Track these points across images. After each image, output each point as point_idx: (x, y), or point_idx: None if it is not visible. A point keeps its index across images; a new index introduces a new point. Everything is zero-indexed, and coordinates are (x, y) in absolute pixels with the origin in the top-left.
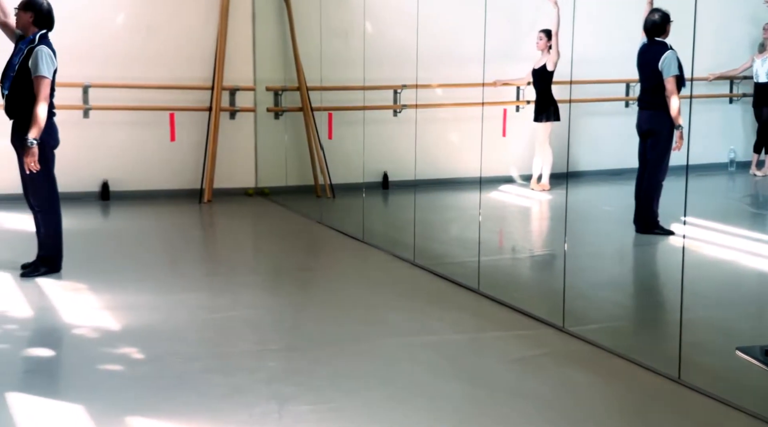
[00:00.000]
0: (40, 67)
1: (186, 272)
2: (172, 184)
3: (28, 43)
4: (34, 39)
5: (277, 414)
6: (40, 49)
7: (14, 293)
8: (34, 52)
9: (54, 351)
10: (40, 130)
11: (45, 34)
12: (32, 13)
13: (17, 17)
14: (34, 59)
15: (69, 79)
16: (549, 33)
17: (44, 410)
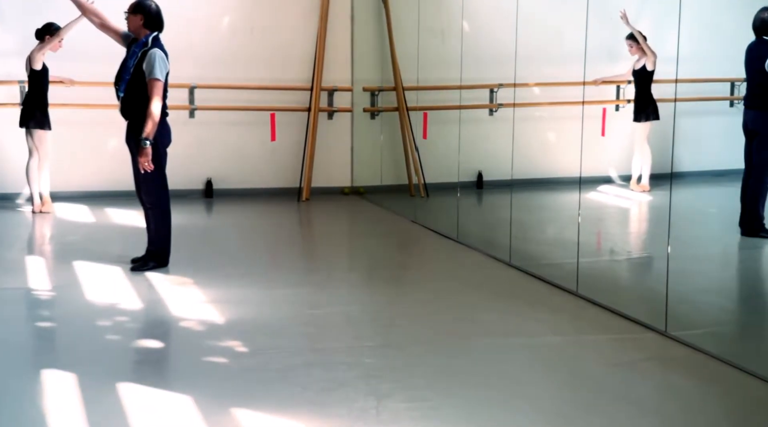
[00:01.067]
0: (155, 70)
1: (285, 268)
2: (272, 182)
3: (142, 47)
4: (147, 42)
5: (375, 410)
6: (154, 52)
7: (125, 286)
8: (148, 55)
9: (162, 343)
10: (153, 131)
11: (157, 36)
12: (142, 16)
13: (127, 21)
14: (149, 62)
15: (176, 80)
16: (634, 37)
17: (153, 399)
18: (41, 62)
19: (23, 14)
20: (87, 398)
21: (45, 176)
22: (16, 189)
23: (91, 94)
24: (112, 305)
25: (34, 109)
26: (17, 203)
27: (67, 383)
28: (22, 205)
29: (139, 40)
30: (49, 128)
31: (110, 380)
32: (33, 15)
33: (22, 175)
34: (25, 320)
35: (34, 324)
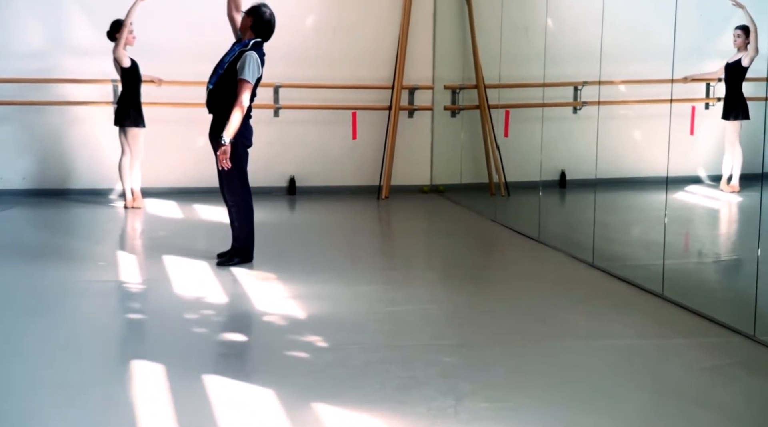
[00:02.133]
0: (246, 71)
1: (365, 265)
2: (353, 180)
3: (242, 47)
4: (248, 44)
5: (454, 409)
6: (250, 54)
7: (211, 281)
8: (243, 56)
9: (246, 336)
10: (234, 131)
11: (259, 42)
12: (253, 19)
13: (242, 20)
14: (242, 62)
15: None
16: (747, 30)
17: (237, 392)
18: (127, 59)
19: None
20: (174, 388)
21: (136, 173)
22: (108, 185)
23: (181, 93)
24: (199, 298)
25: (128, 107)
26: (110, 199)
27: (156, 374)
28: (114, 201)
29: (243, 40)
30: (143, 126)
31: (197, 372)
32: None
33: (114, 172)
34: (117, 311)
35: (125, 316)
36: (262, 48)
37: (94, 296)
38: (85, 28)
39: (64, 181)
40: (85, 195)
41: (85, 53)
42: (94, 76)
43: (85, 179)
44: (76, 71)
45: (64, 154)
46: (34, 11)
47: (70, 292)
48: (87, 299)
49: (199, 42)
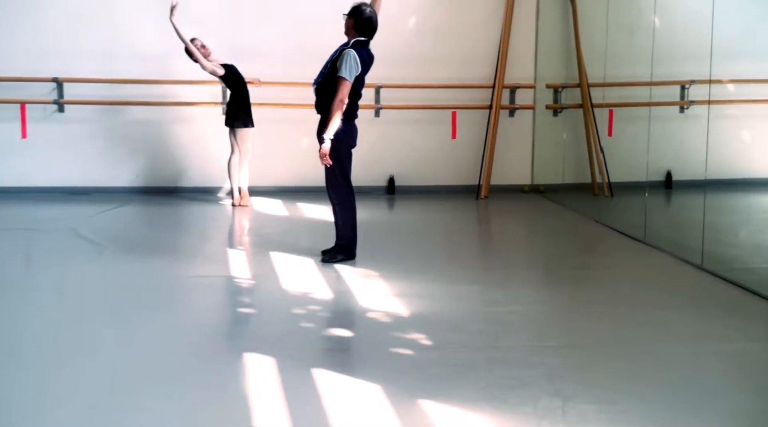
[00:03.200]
0: (343, 69)
1: (465, 264)
2: (452, 180)
3: (343, 46)
4: (349, 43)
5: (561, 410)
6: (349, 51)
7: (316, 277)
8: (342, 53)
9: (351, 332)
10: (333, 128)
11: (361, 41)
12: (354, 19)
13: (345, 23)
14: (341, 60)
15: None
16: None
17: (345, 386)
18: (218, 69)
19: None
20: (285, 381)
21: (245, 172)
22: (217, 183)
23: (287, 94)
24: (305, 294)
25: (237, 109)
26: (218, 197)
27: (267, 366)
28: (223, 199)
29: (348, 41)
30: (252, 126)
31: (305, 366)
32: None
33: (223, 171)
34: (228, 305)
35: (236, 310)
36: (367, 47)
37: (205, 291)
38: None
39: (176, 180)
40: (195, 193)
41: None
42: (205, 77)
43: (195, 178)
44: (188, 73)
45: (176, 153)
46: (150, 16)
47: (182, 286)
48: (198, 294)
49: (305, 43)
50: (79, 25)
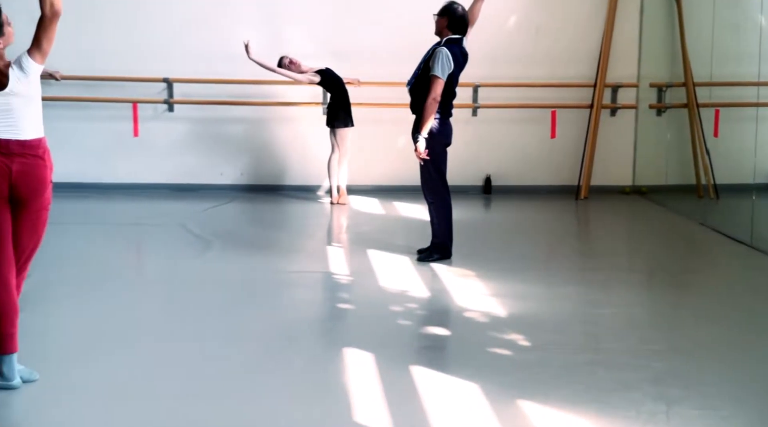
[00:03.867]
0: (435, 67)
1: (564, 265)
2: (550, 180)
3: (436, 45)
4: (441, 41)
5: (665, 415)
6: (440, 50)
7: (412, 275)
8: (434, 52)
9: (448, 330)
10: (427, 127)
11: (454, 39)
12: (447, 18)
13: (436, 23)
14: (433, 59)
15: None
16: None
17: (443, 384)
18: (314, 77)
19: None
20: (384, 377)
21: (344, 171)
22: (317, 182)
23: (384, 94)
24: (402, 291)
25: (338, 110)
26: (317, 195)
27: (366, 362)
28: (322, 197)
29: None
30: (352, 126)
31: (403, 362)
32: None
33: (322, 169)
34: (327, 301)
35: (335, 305)
36: (460, 44)
37: (305, 286)
38: (300, 34)
39: (278, 178)
40: (295, 191)
41: (298, 56)
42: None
43: (296, 176)
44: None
45: (278, 151)
46: (255, 18)
47: (283, 281)
48: (298, 289)
49: (403, 43)
50: (189, 27)
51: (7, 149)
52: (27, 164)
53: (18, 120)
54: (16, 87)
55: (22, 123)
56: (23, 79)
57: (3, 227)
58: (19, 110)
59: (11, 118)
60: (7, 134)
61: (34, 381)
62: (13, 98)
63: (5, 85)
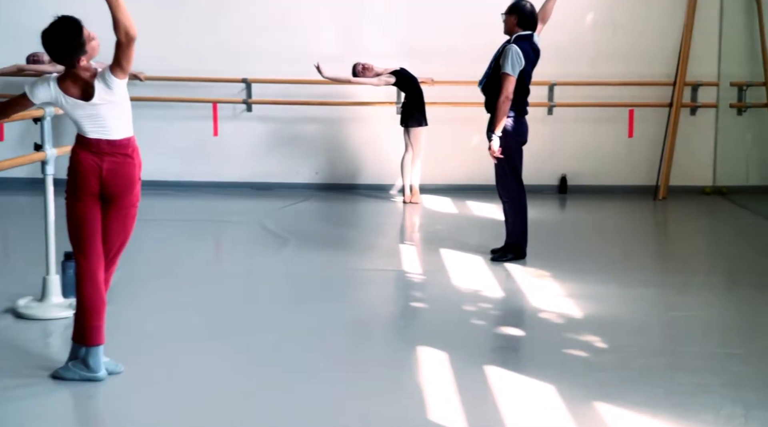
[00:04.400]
0: (506, 64)
1: (641, 267)
2: (627, 180)
3: (505, 43)
4: (510, 39)
5: (744, 418)
6: (510, 47)
7: (486, 275)
8: (505, 50)
9: (523, 331)
10: (500, 125)
11: (524, 35)
12: (516, 16)
13: (504, 23)
14: (503, 57)
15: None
16: None
17: (518, 384)
18: (389, 78)
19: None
20: (458, 376)
21: (417, 170)
22: (390, 181)
23: (458, 93)
24: (475, 291)
25: (412, 109)
26: (390, 194)
27: (439, 361)
28: (395, 196)
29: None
30: (425, 125)
31: (477, 362)
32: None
33: (396, 168)
34: (400, 299)
35: (408, 304)
36: (531, 40)
37: (379, 284)
38: (376, 32)
39: (351, 177)
40: (369, 190)
41: (373, 56)
42: None
43: (369, 175)
44: None
45: (352, 150)
46: (330, 19)
47: (357, 279)
48: (372, 286)
49: (474, 42)
50: (266, 28)
51: (98, 148)
52: (116, 163)
53: (106, 121)
54: (101, 97)
55: (111, 124)
56: (108, 90)
57: (93, 222)
58: (106, 114)
59: (100, 121)
60: (97, 135)
61: (118, 373)
62: (100, 106)
63: (92, 96)
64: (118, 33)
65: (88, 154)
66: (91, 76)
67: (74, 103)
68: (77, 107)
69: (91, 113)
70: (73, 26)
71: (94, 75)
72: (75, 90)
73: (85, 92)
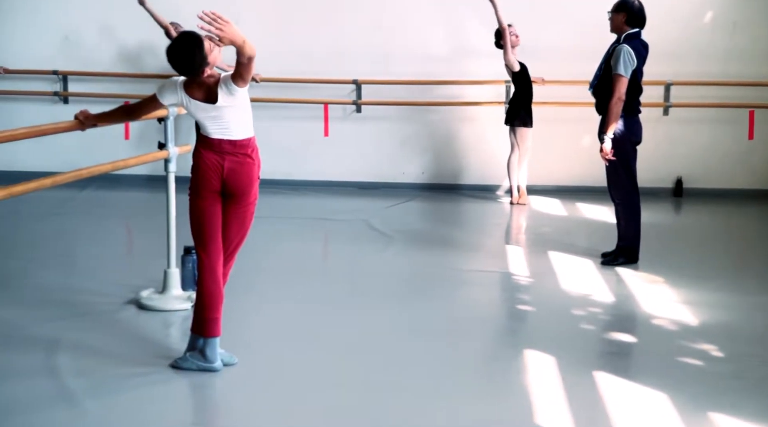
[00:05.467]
0: (618, 65)
1: (761, 274)
2: (747, 183)
3: (614, 43)
4: (620, 38)
5: None
6: (622, 47)
7: (596, 279)
8: (615, 51)
9: (634, 337)
10: (612, 127)
11: (633, 33)
12: (624, 14)
13: (610, 21)
14: (614, 57)
15: (651, 77)
16: None
17: (629, 392)
18: (516, 64)
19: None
20: (566, 381)
21: (523, 170)
22: (496, 181)
23: (567, 93)
24: (585, 295)
25: (519, 108)
26: (496, 195)
27: (547, 365)
28: (501, 197)
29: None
30: (531, 126)
31: (586, 367)
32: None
33: (502, 169)
34: (507, 301)
35: (515, 306)
36: (639, 38)
37: (484, 285)
38: (484, 31)
39: (457, 177)
40: (474, 190)
41: (480, 55)
42: (489, 77)
43: (475, 175)
44: (472, 73)
45: (458, 151)
46: (439, 19)
47: (462, 279)
48: (478, 287)
49: (584, 42)
50: (377, 29)
51: (220, 148)
52: (237, 162)
53: (228, 123)
54: (224, 101)
55: (232, 125)
56: (230, 96)
57: (214, 219)
58: (228, 116)
59: (222, 122)
60: (219, 135)
61: (233, 365)
62: (223, 109)
63: (215, 100)
64: (242, 56)
65: (210, 153)
66: (214, 83)
67: (198, 105)
68: (201, 109)
69: (214, 115)
70: (194, 42)
71: (218, 81)
72: (200, 94)
73: (209, 96)
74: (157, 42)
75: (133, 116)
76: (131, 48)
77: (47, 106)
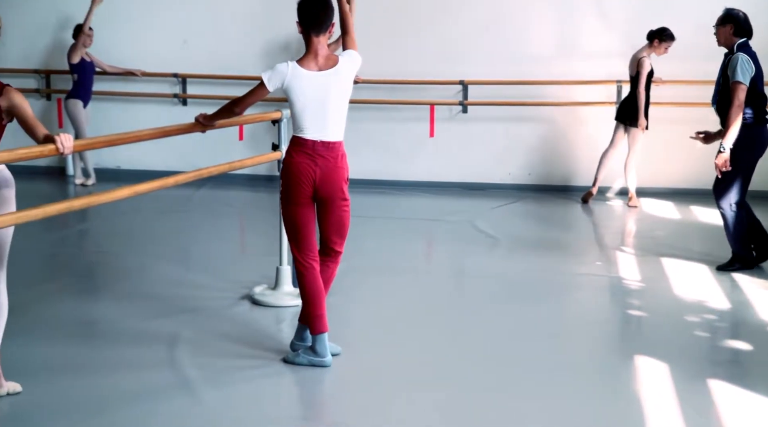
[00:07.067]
0: (736, 73)
1: None
2: None
3: (728, 54)
4: (733, 48)
5: None
6: (737, 55)
7: (710, 285)
8: (731, 60)
9: (751, 345)
10: (731, 137)
11: (744, 42)
12: (732, 25)
13: (717, 35)
14: (731, 66)
15: None
16: None
17: (745, 402)
18: (648, 67)
19: (631, 16)
20: (679, 389)
21: (632, 172)
22: (606, 183)
23: (684, 93)
24: (699, 301)
25: (633, 107)
26: (606, 197)
27: (659, 372)
28: (611, 199)
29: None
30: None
31: (701, 375)
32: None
33: (611, 171)
34: (617, 306)
35: (625, 311)
36: (748, 46)
37: (594, 290)
38: (598, 28)
39: (565, 178)
40: (583, 192)
41: (591, 56)
42: (600, 77)
43: (584, 177)
44: (582, 73)
45: (566, 152)
46: (548, 19)
47: (571, 283)
48: (587, 292)
49: (704, 41)
50: (483, 30)
51: (313, 150)
52: (328, 168)
53: (327, 112)
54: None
55: (330, 122)
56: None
57: (309, 223)
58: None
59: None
60: (313, 134)
61: (337, 354)
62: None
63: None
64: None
65: (303, 158)
66: (331, 56)
67: (313, 77)
68: (313, 84)
69: (323, 95)
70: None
71: (336, 61)
72: (314, 65)
73: (325, 64)
74: (260, 46)
75: (240, 106)
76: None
77: (167, 108)
